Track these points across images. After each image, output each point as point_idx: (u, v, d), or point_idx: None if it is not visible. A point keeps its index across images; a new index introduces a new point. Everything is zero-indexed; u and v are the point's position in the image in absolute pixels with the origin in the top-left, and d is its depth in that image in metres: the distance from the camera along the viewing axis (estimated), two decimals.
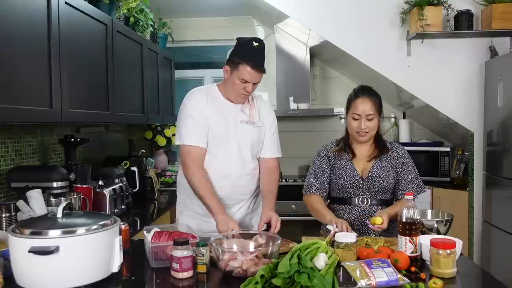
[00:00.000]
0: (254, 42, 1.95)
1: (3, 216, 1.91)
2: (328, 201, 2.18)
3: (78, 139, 2.53)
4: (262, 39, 1.99)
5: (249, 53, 1.94)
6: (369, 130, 2.02)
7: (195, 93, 2.09)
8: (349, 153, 2.08)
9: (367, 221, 1.91)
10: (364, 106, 2.00)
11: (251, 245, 1.65)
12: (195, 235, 1.66)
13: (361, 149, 2.09)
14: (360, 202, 2.04)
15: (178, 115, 2.08)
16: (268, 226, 1.96)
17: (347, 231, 1.81)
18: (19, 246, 1.34)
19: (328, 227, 1.88)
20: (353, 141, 2.11)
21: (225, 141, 2.04)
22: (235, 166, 2.06)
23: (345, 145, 2.10)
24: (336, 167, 2.08)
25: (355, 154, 2.08)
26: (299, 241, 1.70)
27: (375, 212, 1.98)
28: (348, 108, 2.08)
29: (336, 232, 1.67)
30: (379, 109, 2.04)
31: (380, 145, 2.09)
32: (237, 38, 2.02)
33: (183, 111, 2.05)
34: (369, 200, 2.04)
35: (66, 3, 2.10)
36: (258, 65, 1.95)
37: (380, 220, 1.84)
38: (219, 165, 2.04)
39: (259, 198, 2.25)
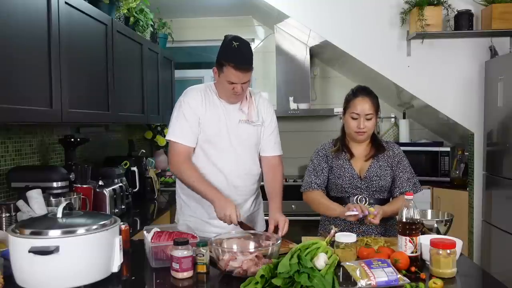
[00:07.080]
0: (234, 42, 1.93)
1: (3, 216, 1.91)
2: None
3: (78, 139, 2.53)
4: (242, 37, 1.94)
5: (231, 53, 1.92)
6: (367, 130, 2.02)
7: (192, 91, 2.08)
8: (347, 153, 2.08)
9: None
10: (363, 105, 2.01)
11: (251, 245, 1.65)
12: (195, 235, 1.66)
13: (358, 149, 2.10)
14: (358, 202, 2.04)
15: (173, 110, 2.08)
16: (276, 228, 1.93)
17: (366, 210, 1.84)
18: (19, 246, 1.34)
19: (348, 214, 1.87)
20: (350, 141, 2.11)
21: (220, 141, 2.03)
22: (231, 166, 2.05)
23: (342, 145, 2.10)
24: (334, 167, 2.08)
25: (353, 154, 2.08)
26: (299, 241, 1.70)
27: None
28: (346, 108, 2.08)
29: (336, 232, 1.67)
30: (377, 108, 2.05)
31: (376, 144, 2.09)
32: (224, 36, 2.00)
33: (178, 107, 2.05)
34: (367, 200, 2.04)
35: (66, 3, 2.10)
36: (241, 65, 1.92)
37: (372, 209, 1.85)
38: (214, 165, 2.03)
39: (260, 199, 2.25)
